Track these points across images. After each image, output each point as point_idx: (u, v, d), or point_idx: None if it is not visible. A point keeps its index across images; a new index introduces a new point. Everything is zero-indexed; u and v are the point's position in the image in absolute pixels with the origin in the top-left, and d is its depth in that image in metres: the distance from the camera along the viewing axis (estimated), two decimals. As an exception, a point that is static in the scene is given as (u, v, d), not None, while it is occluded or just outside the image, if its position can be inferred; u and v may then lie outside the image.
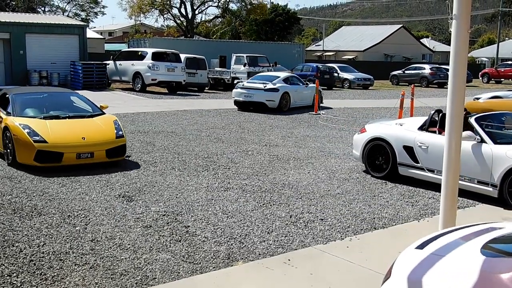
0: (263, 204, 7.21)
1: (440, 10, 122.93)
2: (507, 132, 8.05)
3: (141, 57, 25.38)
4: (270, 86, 18.52)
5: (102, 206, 6.87)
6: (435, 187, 7.82)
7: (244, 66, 29.39)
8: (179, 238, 5.81)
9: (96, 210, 6.70)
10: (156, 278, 4.80)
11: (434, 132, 8.31)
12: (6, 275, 4.75)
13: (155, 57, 24.84)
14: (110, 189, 7.71)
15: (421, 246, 3.38)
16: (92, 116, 9.89)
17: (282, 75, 19.92)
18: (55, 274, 4.80)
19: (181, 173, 8.90)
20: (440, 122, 8.34)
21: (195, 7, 51.55)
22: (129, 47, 35.56)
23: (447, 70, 6.26)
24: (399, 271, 3.17)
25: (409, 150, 8.39)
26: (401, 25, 68.08)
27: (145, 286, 4.65)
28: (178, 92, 25.98)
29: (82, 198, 7.24)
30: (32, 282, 4.64)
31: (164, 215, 6.57)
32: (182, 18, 52.43)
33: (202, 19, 60.30)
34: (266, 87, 18.45)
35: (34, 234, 5.80)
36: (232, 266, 5.14)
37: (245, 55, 30.45)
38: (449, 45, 5.53)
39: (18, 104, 9.71)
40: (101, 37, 57.37)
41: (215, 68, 31.80)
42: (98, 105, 10.55)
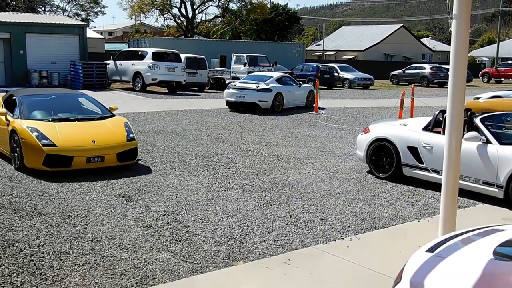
0: (263, 204, 7.21)
1: (440, 9, 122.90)
2: None
3: (141, 57, 25.38)
4: (263, 86, 18.02)
5: (102, 206, 6.87)
6: (436, 187, 7.81)
7: (244, 65, 29.39)
8: (179, 238, 5.81)
9: (96, 210, 6.70)
10: (156, 278, 4.80)
11: (439, 132, 8.21)
12: (6, 275, 4.75)
13: (155, 57, 24.84)
14: (110, 189, 7.71)
15: (431, 249, 3.33)
16: (101, 118, 9.59)
17: (275, 75, 19.42)
18: (55, 274, 4.80)
19: (181, 173, 8.90)
20: (444, 123, 8.28)
21: (195, 7, 51.59)
22: (129, 47, 35.60)
23: (447, 69, 6.26)
24: (410, 275, 3.11)
25: (413, 150, 8.31)
26: (401, 24, 68.09)
27: (145, 286, 4.65)
28: (178, 92, 25.98)
29: (82, 198, 7.24)
30: (32, 282, 4.64)
31: (164, 215, 6.56)
32: (182, 18, 52.47)
33: (202, 19, 60.43)
34: (259, 87, 17.95)
35: (34, 234, 5.80)
36: (232, 266, 5.14)
37: (245, 55, 30.46)
38: (449, 44, 5.53)
39: (26, 106, 9.39)
40: (101, 37, 57.40)
41: (215, 68, 31.81)
42: (107, 106, 10.24)
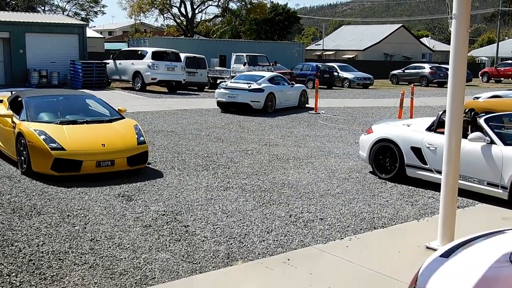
0: (263, 203, 7.21)
1: (440, 9, 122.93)
2: None
3: (141, 56, 25.38)
4: (255, 86, 17.56)
5: (101, 206, 6.87)
6: (438, 187, 7.80)
7: (244, 65, 29.37)
8: (179, 237, 5.80)
9: (95, 210, 6.70)
10: (155, 277, 4.80)
11: (442, 133, 8.17)
12: (5, 275, 4.74)
13: (155, 56, 24.83)
14: (110, 188, 7.70)
15: (446, 254, 3.26)
16: (110, 120, 9.28)
17: (267, 75, 19.01)
18: (54, 273, 4.80)
19: (180, 172, 8.90)
20: None
21: (195, 6, 51.57)
22: (129, 46, 35.58)
23: (447, 69, 6.22)
24: (425, 282, 3.04)
25: (417, 151, 8.25)
26: (401, 24, 68.09)
27: (144, 285, 4.64)
28: (178, 91, 25.96)
29: (82, 197, 7.23)
30: (31, 281, 4.63)
31: (163, 215, 6.56)
32: (182, 17, 52.45)
33: (202, 18, 60.49)
34: (250, 87, 17.49)
35: (33, 233, 5.79)
36: (231, 265, 5.13)
37: (245, 54, 30.44)
38: (449, 44, 5.53)
39: (32, 108, 9.05)
40: (101, 36, 57.31)
41: (215, 67, 31.80)
42: (116, 108, 9.97)
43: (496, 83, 43.38)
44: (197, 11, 52.49)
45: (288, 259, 5.24)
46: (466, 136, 7.59)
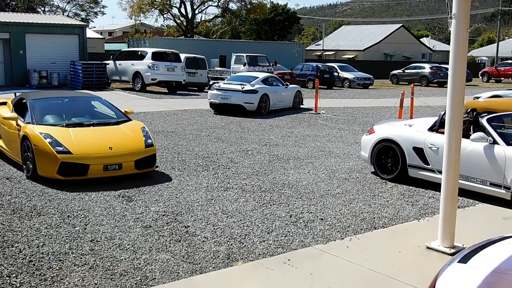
0: (263, 204, 7.20)
1: (440, 9, 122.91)
2: None
3: (141, 56, 25.37)
4: (248, 87, 17.17)
5: (101, 206, 6.86)
6: (437, 187, 7.80)
7: (244, 65, 29.38)
8: (179, 238, 5.80)
9: (95, 210, 6.69)
10: (155, 278, 4.80)
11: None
12: (5, 276, 4.74)
13: (155, 56, 24.83)
14: (110, 189, 7.69)
15: (464, 260, 3.16)
16: (117, 123, 9.07)
17: (261, 76, 18.58)
18: (55, 274, 4.80)
19: (181, 173, 8.89)
20: None
21: (195, 7, 51.59)
22: (129, 47, 35.60)
23: (447, 69, 6.20)
24: None
25: (419, 151, 8.22)
26: (401, 24, 68.06)
27: (144, 286, 4.64)
28: (178, 91, 25.97)
29: (82, 198, 7.23)
30: (31, 282, 4.63)
31: (163, 215, 6.56)
32: (182, 18, 52.47)
33: (202, 19, 60.44)
34: (244, 89, 17.12)
35: (33, 234, 5.79)
36: (232, 266, 5.13)
37: (245, 55, 30.45)
38: (449, 44, 5.53)
39: (38, 110, 8.82)
40: (101, 37, 57.40)
41: (215, 67, 31.82)
42: (122, 110, 9.75)
43: (496, 83, 43.39)
44: (197, 12, 52.57)
45: (288, 260, 5.24)
46: (468, 136, 7.58)
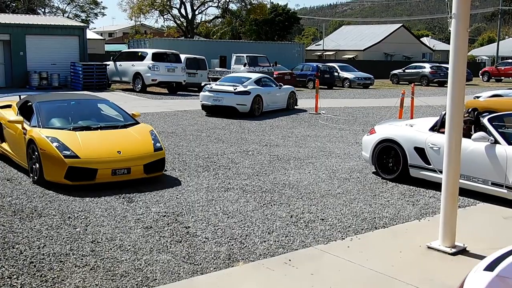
0: (264, 204, 7.20)
1: (440, 9, 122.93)
2: None
3: (141, 57, 25.38)
4: (240, 88, 16.80)
5: (102, 207, 6.86)
6: (437, 187, 7.80)
7: (244, 66, 29.39)
8: (180, 239, 5.80)
9: (96, 211, 6.69)
10: (156, 279, 4.80)
11: None
12: (6, 277, 4.74)
13: (155, 57, 24.85)
14: (110, 190, 7.69)
15: (490, 268, 3.07)
16: (125, 126, 8.86)
17: (254, 77, 18.20)
18: (56, 275, 4.80)
19: (181, 173, 8.89)
20: None
21: (195, 8, 51.58)
22: (129, 48, 35.59)
23: (448, 68, 6.17)
24: None
25: (420, 151, 8.21)
26: (401, 24, 68.08)
27: (145, 287, 4.64)
28: (178, 92, 25.99)
29: (82, 199, 7.23)
30: (32, 284, 4.63)
31: (164, 216, 6.56)
32: (182, 19, 52.47)
33: (202, 20, 60.38)
34: (236, 90, 16.74)
35: (34, 235, 5.79)
36: (232, 266, 5.13)
37: (245, 55, 30.47)
38: (449, 43, 5.52)
39: (44, 113, 8.62)
40: (101, 38, 57.46)
41: (215, 68, 31.81)
42: (129, 113, 9.51)
43: (496, 82, 43.38)
44: (197, 12, 52.55)
45: (289, 260, 5.24)
46: (470, 136, 7.58)
